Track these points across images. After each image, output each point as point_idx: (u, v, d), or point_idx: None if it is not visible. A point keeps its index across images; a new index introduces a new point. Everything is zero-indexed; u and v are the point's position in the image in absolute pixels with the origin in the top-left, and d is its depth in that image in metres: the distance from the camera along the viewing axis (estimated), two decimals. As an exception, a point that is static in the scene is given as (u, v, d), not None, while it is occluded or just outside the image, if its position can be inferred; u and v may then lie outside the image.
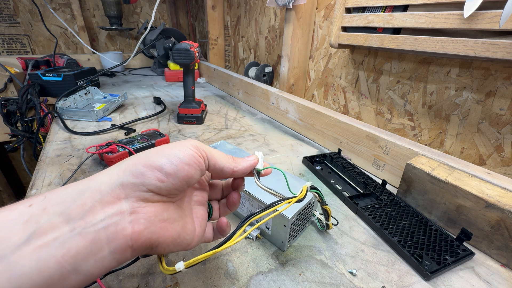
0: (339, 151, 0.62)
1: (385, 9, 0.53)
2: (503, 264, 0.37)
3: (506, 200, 0.36)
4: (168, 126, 0.80)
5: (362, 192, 0.50)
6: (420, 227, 0.41)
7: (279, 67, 0.98)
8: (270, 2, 0.80)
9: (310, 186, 0.30)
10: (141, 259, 0.34)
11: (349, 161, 0.59)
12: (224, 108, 1.00)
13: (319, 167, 0.58)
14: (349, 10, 0.60)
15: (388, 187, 0.52)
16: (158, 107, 0.96)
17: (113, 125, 0.76)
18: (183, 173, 0.20)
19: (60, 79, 0.96)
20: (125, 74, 1.55)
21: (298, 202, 0.27)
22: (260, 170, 0.27)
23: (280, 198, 0.27)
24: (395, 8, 0.51)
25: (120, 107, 0.94)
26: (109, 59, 1.42)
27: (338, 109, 0.81)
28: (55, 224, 0.16)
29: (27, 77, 1.05)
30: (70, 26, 1.62)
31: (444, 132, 0.56)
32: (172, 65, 1.40)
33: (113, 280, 0.32)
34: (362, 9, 0.57)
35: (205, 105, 0.90)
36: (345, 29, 0.62)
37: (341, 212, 0.46)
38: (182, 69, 0.96)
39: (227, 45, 1.47)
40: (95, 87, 0.99)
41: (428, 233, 0.40)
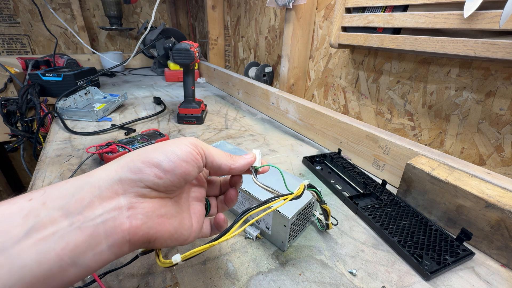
0: (339, 151, 0.62)
1: (385, 9, 0.53)
2: (503, 264, 0.37)
3: (506, 200, 0.36)
4: (168, 126, 0.80)
5: (362, 192, 0.50)
6: (420, 227, 0.41)
7: (279, 67, 0.98)
8: (270, 2, 0.80)
9: (308, 184, 0.30)
10: (140, 258, 0.35)
11: (349, 161, 0.59)
12: (224, 108, 1.00)
13: (319, 167, 0.58)
14: (349, 10, 0.60)
15: (388, 187, 0.52)
16: (158, 107, 0.96)
17: (113, 125, 0.76)
18: (180, 170, 0.21)
19: (60, 79, 0.96)
20: (125, 74, 1.55)
21: (295, 199, 0.27)
22: (257, 168, 0.27)
23: (277, 195, 0.27)
24: (395, 8, 0.51)
25: (120, 107, 0.94)
26: (109, 59, 1.42)
27: (338, 109, 0.81)
28: (54, 218, 0.16)
29: (27, 77, 1.05)
30: (70, 26, 1.62)
31: (444, 132, 0.56)
32: (172, 65, 1.40)
33: (113, 280, 0.32)
34: (362, 9, 0.57)
35: (205, 105, 0.90)
36: (345, 29, 0.62)
37: (341, 212, 0.46)
38: (182, 69, 0.96)
39: (227, 45, 1.47)
40: (95, 87, 0.99)
41: (428, 233, 0.40)
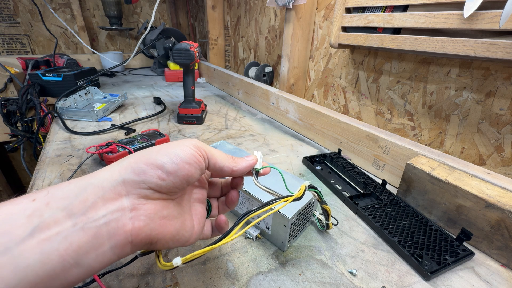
0: (339, 151, 0.62)
1: (385, 9, 0.53)
2: (503, 264, 0.37)
3: (506, 200, 0.36)
4: (168, 126, 0.80)
5: (362, 192, 0.50)
6: (420, 227, 0.41)
7: (279, 67, 0.98)
8: (270, 2, 0.80)
9: (309, 185, 0.30)
10: (140, 258, 0.35)
11: (349, 161, 0.59)
12: (224, 108, 1.00)
13: (319, 167, 0.58)
14: (349, 10, 0.60)
15: (388, 187, 0.52)
16: (158, 107, 0.96)
17: (113, 125, 0.76)
18: (183, 172, 0.21)
19: (60, 79, 0.96)
20: (125, 74, 1.55)
21: (296, 200, 0.27)
22: (258, 169, 0.27)
23: (277, 196, 0.27)
24: (395, 8, 0.51)
25: (120, 107, 0.94)
26: (109, 59, 1.42)
27: (338, 109, 0.81)
28: (58, 218, 0.16)
29: (27, 77, 1.05)
30: (70, 26, 1.62)
31: (444, 132, 0.56)
32: (172, 65, 1.40)
33: (113, 280, 0.32)
34: (362, 9, 0.57)
35: (205, 105, 0.90)
36: (345, 29, 0.62)
37: (341, 212, 0.46)
38: (182, 69, 0.96)
39: (227, 45, 1.47)
40: (95, 87, 0.99)
41: (428, 233, 0.40)
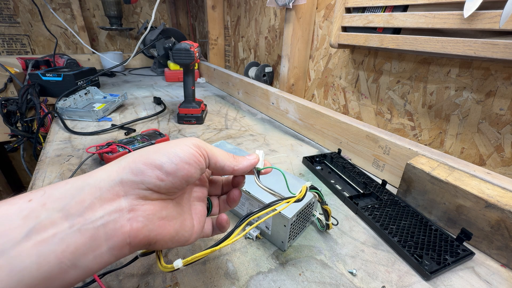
0: (339, 151, 0.62)
1: (385, 9, 0.53)
2: (503, 264, 0.37)
3: (506, 200, 0.36)
4: (168, 126, 0.80)
5: (362, 192, 0.50)
6: (420, 227, 0.41)
7: (279, 67, 0.98)
8: (270, 2, 0.80)
9: (310, 186, 0.30)
10: (141, 258, 0.35)
11: (349, 161, 0.59)
12: (224, 108, 1.00)
13: (319, 167, 0.58)
14: (349, 10, 0.60)
15: (388, 187, 0.52)
16: (158, 107, 0.96)
17: (113, 125, 0.76)
18: (183, 172, 0.20)
19: (60, 79, 0.96)
20: (125, 74, 1.55)
21: (297, 202, 0.27)
22: (260, 169, 0.27)
23: (279, 197, 0.27)
24: (395, 8, 0.51)
25: (120, 107, 0.94)
26: (109, 59, 1.42)
27: (338, 109, 0.81)
28: (54, 220, 0.16)
29: (27, 77, 1.05)
30: (70, 26, 1.62)
31: (444, 132, 0.56)
32: (172, 65, 1.40)
33: (113, 280, 0.32)
34: (362, 9, 0.57)
35: (205, 105, 0.90)
36: (345, 29, 0.62)
37: (341, 212, 0.46)
38: (182, 69, 0.96)
39: (227, 45, 1.47)
40: (95, 87, 0.99)
41: (428, 233, 0.40)
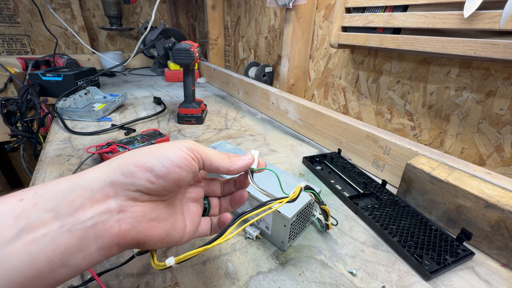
0: (339, 151, 0.62)
1: (385, 9, 0.53)
2: (503, 264, 0.37)
3: (506, 200, 0.36)
4: (168, 126, 0.80)
5: (362, 192, 0.50)
6: (420, 227, 0.41)
7: (279, 67, 0.98)
8: (270, 2, 0.80)
9: (305, 186, 0.30)
10: (140, 258, 0.35)
11: (349, 161, 0.59)
12: (224, 108, 1.00)
13: (319, 167, 0.58)
14: (349, 10, 0.60)
15: (388, 187, 0.52)
16: (158, 107, 0.96)
17: (113, 125, 0.76)
18: (173, 176, 0.20)
19: (60, 79, 0.96)
20: (125, 74, 1.55)
21: (290, 202, 0.27)
22: (254, 170, 0.27)
23: (272, 198, 0.27)
24: (395, 8, 0.51)
25: (120, 107, 0.94)
26: (109, 59, 1.42)
27: (338, 109, 0.81)
28: (45, 220, 0.16)
29: (27, 77, 1.05)
30: (70, 26, 1.62)
31: (444, 132, 0.56)
32: (172, 65, 1.40)
33: (113, 280, 0.32)
34: (362, 9, 0.57)
35: (205, 105, 0.90)
36: (345, 29, 0.62)
37: (341, 212, 0.46)
38: (182, 69, 0.96)
39: (227, 45, 1.47)
40: (95, 87, 0.99)
41: (428, 233, 0.40)
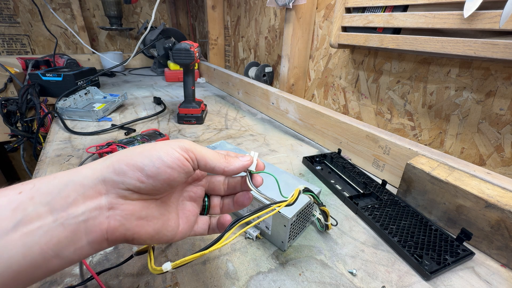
0: (339, 151, 0.62)
1: (385, 9, 0.53)
2: (503, 264, 0.37)
3: (506, 200, 0.36)
4: (168, 126, 0.80)
5: (362, 192, 0.50)
6: (420, 227, 0.41)
7: (279, 67, 0.98)
8: (270, 2, 0.80)
9: (304, 188, 0.30)
10: (140, 258, 0.35)
11: (349, 161, 0.59)
12: (224, 108, 1.00)
13: (319, 167, 0.58)
14: (349, 10, 0.60)
15: (388, 187, 0.52)
16: (158, 107, 0.96)
17: (113, 125, 0.76)
18: (164, 176, 0.20)
19: (60, 79, 0.96)
20: (125, 74, 1.55)
21: (288, 206, 0.27)
22: (253, 172, 0.26)
23: (270, 202, 0.26)
24: (395, 8, 0.51)
25: (120, 107, 0.94)
26: (109, 59, 1.42)
27: (338, 109, 0.81)
28: (40, 213, 0.17)
29: (27, 77, 1.05)
30: (70, 26, 1.62)
31: (444, 132, 0.56)
32: (172, 65, 1.40)
33: (113, 280, 0.32)
34: (362, 9, 0.57)
35: (205, 105, 0.90)
36: (345, 29, 0.62)
37: (341, 212, 0.46)
38: (182, 69, 0.96)
39: (227, 45, 1.47)
40: (95, 87, 0.99)
41: (428, 233, 0.40)
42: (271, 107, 0.89)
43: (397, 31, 0.52)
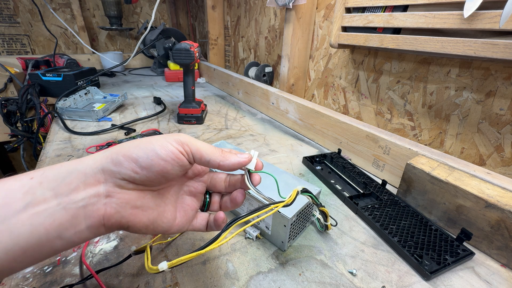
0: (339, 151, 0.62)
1: (385, 9, 0.53)
2: (503, 264, 0.37)
3: (506, 200, 0.36)
4: (168, 126, 0.80)
5: (362, 192, 0.50)
6: (420, 227, 0.41)
7: (279, 67, 0.98)
8: (270, 2, 0.80)
9: (302, 189, 0.30)
10: (138, 257, 0.35)
11: (349, 161, 0.59)
12: (224, 108, 1.00)
13: (319, 167, 0.58)
14: (349, 10, 0.60)
15: (388, 187, 0.52)
16: (158, 107, 0.96)
17: (113, 125, 0.76)
18: (157, 168, 0.21)
19: (60, 79, 0.96)
20: (125, 74, 1.55)
21: (286, 206, 0.27)
22: (252, 171, 0.26)
23: (269, 201, 0.26)
24: (395, 8, 0.51)
25: (120, 107, 0.94)
26: (109, 59, 1.42)
27: (338, 109, 0.81)
28: (46, 197, 0.19)
29: (27, 77, 1.05)
30: (70, 26, 1.62)
31: (444, 132, 0.56)
32: (172, 65, 1.40)
33: (113, 280, 0.32)
34: (362, 9, 0.57)
35: (205, 105, 0.90)
36: (345, 29, 0.62)
37: (341, 212, 0.46)
38: (182, 69, 0.96)
39: (227, 45, 1.47)
40: (95, 87, 0.99)
41: (428, 233, 0.40)
42: (271, 107, 0.89)
43: (397, 31, 0.52)
